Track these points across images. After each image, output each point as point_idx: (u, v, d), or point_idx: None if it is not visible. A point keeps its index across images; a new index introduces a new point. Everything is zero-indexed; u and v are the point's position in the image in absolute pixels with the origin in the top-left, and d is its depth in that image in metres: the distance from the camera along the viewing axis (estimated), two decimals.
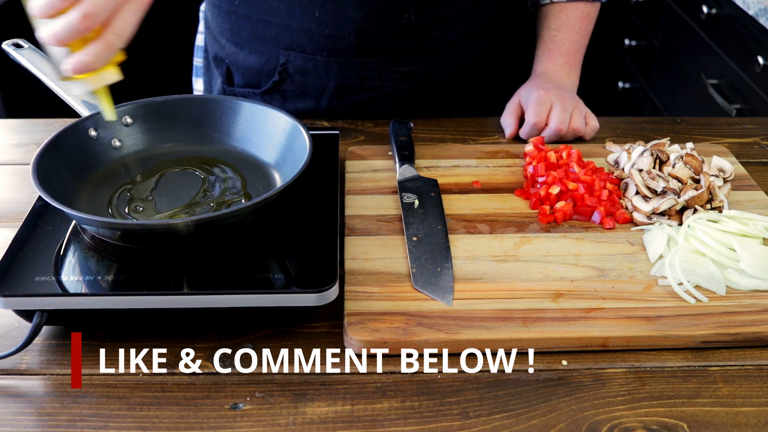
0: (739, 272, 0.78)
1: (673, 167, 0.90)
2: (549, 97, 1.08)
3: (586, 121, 1.09)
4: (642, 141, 1.00)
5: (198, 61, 1.30)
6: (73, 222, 0.80)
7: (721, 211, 0.87)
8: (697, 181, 0.89)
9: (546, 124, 1.06)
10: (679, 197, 0.87)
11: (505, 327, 0.73)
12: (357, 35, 1.09)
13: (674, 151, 0.95)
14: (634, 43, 2.48)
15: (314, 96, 1.16)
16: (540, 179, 0.93)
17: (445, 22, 1.12)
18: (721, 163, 0.95)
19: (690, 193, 0.86)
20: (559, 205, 0.88)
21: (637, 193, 0.90)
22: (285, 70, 1.14)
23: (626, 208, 0.89)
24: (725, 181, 0.94)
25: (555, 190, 0.90)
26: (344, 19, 1.07)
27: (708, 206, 0.88)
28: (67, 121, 0.93)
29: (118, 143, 0.90)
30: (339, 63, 1.11)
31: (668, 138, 1.03)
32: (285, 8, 1.08)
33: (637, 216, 0.88)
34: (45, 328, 0.74)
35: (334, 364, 0.71)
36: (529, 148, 0.99)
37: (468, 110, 1.22)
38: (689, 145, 0.99)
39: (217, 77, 1.22)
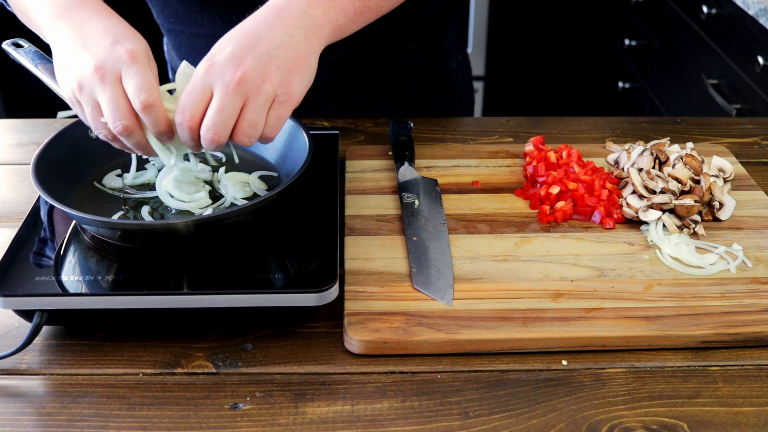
0: None
1: (673, 167, 0.90)
2: (215, 73, 0.72)
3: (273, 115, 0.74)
4: (642, 141, 1.00)
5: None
6: (74, 222, 0.80)
7: (712, 217, 0.88)
8: (697, 182, 0.89)
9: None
10: (676, 199, 0.87)
11: (505, 327, 0.73)
12: None
13: (674, 151, 0.95)
14: (634, 43, 2.48)
15: None
16: (540, 179, 0.93)
17: None
18: (721, 163, 0.95)
19: (685, 201, 0.86)
20: (559, 205, 0.88)
21: (634, 192, 0.90)
22: None
23: (621, 206, 0.89)
24: (725, 180, 0.94)
25: (555, 190, 0.90)
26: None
27: (705, 208, 0.88)
28: (67, 121, 0.93)
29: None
30: None
31: (668, 138, 1.03)
32: (208, 19, 1.10)
33: (626, 210, 0.87)
34: (45, 328, 0.74)
35: (334, 364, 0.71)
36: (529, 147, 0.99)
37: (433, 89, 1.20)
38: (689, 145, 0.99)
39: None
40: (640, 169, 0.92)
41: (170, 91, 0.79)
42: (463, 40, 1.26)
